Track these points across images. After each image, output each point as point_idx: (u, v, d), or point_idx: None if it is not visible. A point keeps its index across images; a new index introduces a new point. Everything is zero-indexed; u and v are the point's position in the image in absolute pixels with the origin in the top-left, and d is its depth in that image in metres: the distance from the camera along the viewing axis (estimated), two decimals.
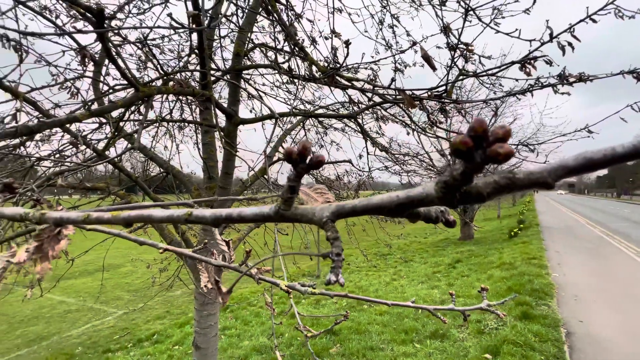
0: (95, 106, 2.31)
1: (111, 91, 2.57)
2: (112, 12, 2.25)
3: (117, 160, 2.76)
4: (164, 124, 3.63)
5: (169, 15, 1.98)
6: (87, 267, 11.56)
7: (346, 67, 2.60)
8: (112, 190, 3.02)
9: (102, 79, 2.54)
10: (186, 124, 3.93)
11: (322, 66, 2.37)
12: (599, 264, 8.70)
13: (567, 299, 6.15)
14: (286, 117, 3.60)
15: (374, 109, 3.18)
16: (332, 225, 0.29)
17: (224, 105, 2.90)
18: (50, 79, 2.53)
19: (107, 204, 3.19)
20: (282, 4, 2.65)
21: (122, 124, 2.82)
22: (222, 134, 2.80)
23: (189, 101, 3.52)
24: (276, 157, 3.31)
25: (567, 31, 1.78)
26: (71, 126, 2.52)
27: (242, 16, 2.99)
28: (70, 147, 2.87)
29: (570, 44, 1.81)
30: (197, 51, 2.13)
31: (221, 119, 3.10)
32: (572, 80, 1.89)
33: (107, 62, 2.53)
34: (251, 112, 4.15)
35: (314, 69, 2.42)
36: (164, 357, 5.44)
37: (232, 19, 3.11)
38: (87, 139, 2.68)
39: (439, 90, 2.08)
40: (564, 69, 1.89)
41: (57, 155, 2.83)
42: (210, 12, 2.67)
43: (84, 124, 3.00)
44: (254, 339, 5.77)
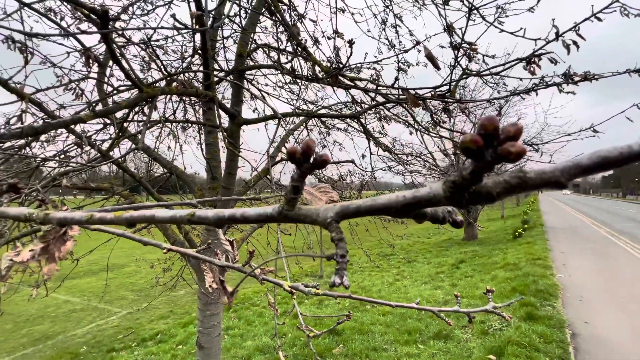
0: (99, 107, 2.33)
1: (115, 92, 2.58)
2: (116, 13, 2.27)
3: (121, 160, 2.77)
4: (168, 125, 3.65)
5: (172, 16, 1.99)
6: (91, 267, 11.64)
7: (349, 67, 2.59)
8: (116, 190, 3.03)
9: (106, 80, 2.55)
10: (189, 125, 3.95)
11: (325, 66, 2.37)
12: (604, 264, 8.61)
13: (572, 300, 6.10)
14: (289, 118, 3.60)
15: (377, 108, 3.17)
16: (336, 226, 0.28)
17: (227, 105, 2.90)
18: (55, 80, 2.55)
19: (111, 204, 3.20)
20: (284, 4, 2.65)
21: (126, 124, 2.83)
22: (225, 134, 2.81)
23: (192, 102, 3.53)
24: (279, 157, 3.31)
25: (572, 30, 1.77)
26: (76, 127, 2.53)
27: (245, 17, 2.99)
28: (75, 148, 2.89)
29: (575, 43, 1.79)
30: (200, 52, 2.14)
31: (224, 120, 3.11)
32: (577, 79, 1.88)
33: (111, 63, 2.54)
34: (254, 112, 4.16)
35: (316, 69, 2.41)
36: (168, 356, 5.46)
37: (235, 19, 3.12)
38: (91, 140, 2.70)
39: (442, 89, 2.07)
40: (569, 68, 1.87)
41: (62, 155, 2.85)
42: (213, 12, 2.68)
43: (88, 124, 3.02)
44: (257, 338, 5.77)
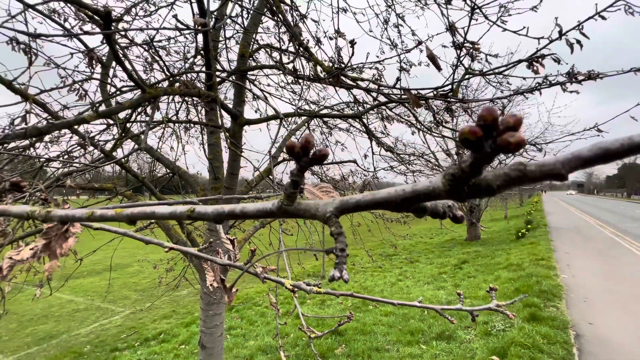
0: (102, 108, 2.34)
1: (118, 93, 2.59)
2: (119, 14, 2.28)
3: (124, 161, 2.78)
4: (170, 125, 3.67)
5: (175, 16, 2.00)
6: (95, 267, 11.71)
7: (351, 66, 2.59)
8: (120, 190, 3.05)
9: (109, 81, 2.57)
10: (192, 125, 3.96)
11: (327, 66, 2.37)
12: (609, 265, 8.54)
13: (576, 301, 6.05)
14: (291, 118, 3.61)
15: (379, 108, 3.17)
16: (335, 220, 0.28)
17: (229, 106, 2.91)
18: (59, 81, 2.57)
19: (114, 204, 3.21)
20: (286, 4, 2.65)
21: (129, 125, 2.84)
22: (227, 134, 2.82)
23: (194, 102, 3.54)
24: (281, 157, 3.31)
25: (576, 28, 1.75)
26: (79, 127, 2.55)
27: (247, 17, 3.00)
28: (78, 148, 2.90)
29: (579, 42, 1.78)
30: (202, 52, 2.15)
31: (227, 120, 3.12)
32: (580, 78, 1.86)
33: (114, 64, 2.56)
34: (256, 112, 4.17)
35: (318, 69, 2.41)
36: (171, 356, 5.47)
37: (237, 20, 3.13)
38: (94, 140, 2.71)
39: (444, 89, 2.06)
40: (573, 67, 1.86)
41: (66, 156, 2.87)
42: (215, 13, 2.68)
43: (91, 125, 3.03)
44: (259, 338, 5.78)
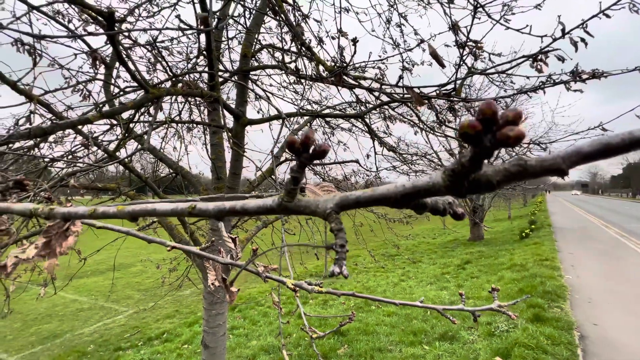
0: (106, 108, 2.36)
1: (122, 93, 2.61)
2: (123, 15, 2.29)
3: (128, 161, 2.80)
4: (173, 125, 3.68)
5: (178, 17, 2.01)
6: (98, 267, 11.78)
7: (353, 66, 2.59)
8: (123, 190, 3.07)
9: (112, 82, 2.59)
10: (195, 125, 3.98)
11: (329, 66, 2.37)
12: (614, 265, 8.47)
13: (580, 302, 6.00)
14: (293, 118, 3.61)
15: (381, 108, 3.16)
16: (336, 216, 0.28)
17: (231, 106, 2.92)
18: (63, 82, 2.60)
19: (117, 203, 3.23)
20: (289, 4, 2.65)
21: (133, 125, 2.86)
22: (230, 134, 2.82)
23: (197, 102, 3.55)
24: (283, 157, 3.31)
25: (580, 27, 1.74)
26: (83, 128, 2.57)
27: (250, 17, 3.01)
28: (82, 148, 2.93)
29: (583, 40, 1.76)
30: (205, 53, 2.15)
31: (229, 120, 3.13)
32: (585, 77, 1.85)
33: (117, 64, 2.58)
34: (258, 112, 4.17)
35: (321, 68, 2.41)
36: (174, 355, 5.50)
37: (239, 20, 3.13)
38: (98, 140, 2.73)
39: (447, 88, 2.05)
40: (577, 66, 1.85)
41: (70, 156, 2.89)
42: (218, 13, 2.69)
43: (95, 125, 3.06)
44: (261, 338, 5.79)
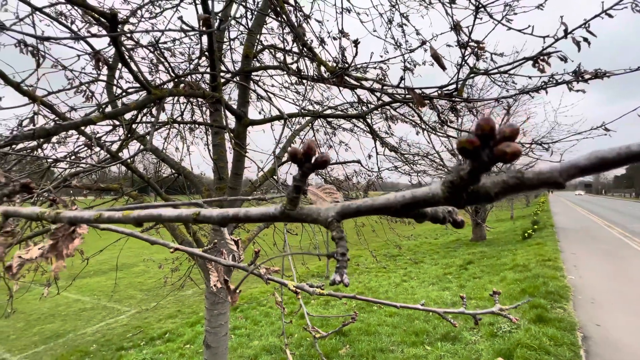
0: (109, 109, 2.37)
1: (124, 94, 2.62)
2: (125, 16, 2.30)
3: (130, 161, 2.81)
4: (176, 126, 3.70)
5: (180, 18, 2.02)
6: (101, 267, 11.84)
7: (355, 66, 2.59)
8: (125, 191, 3.08)
9: (115, 83, 2.60)
10: (197, 126, 3.99)
11: (331, 66, 2.37)
12: (617, 266, 8.43)
13: (583, 302, 5.98)
14: (295, 118, 3.62)
15: (383, 108, 3.16)
16: (337, 225, 0.28)
17: (233, 106, 2.93)
18: (66, 83, 2.61)
19: (120, 204, 3.25)
20: (290, 5, 2.66)
21: (135, 126, 2.87)
22: (232, 135, 2.83)
23: (199, 103, 3.57)
24: (285, 157, 3.32)
25: (582, 27, 1.74)
26: (86, 128, 2.58)
27: (251, 18, 3.01)
28: (85, 149, 2.94)
29: (585, 40, 1.76)
30: (207, 54, 2.16)
31: (231, 121, 3.14)
32: (587, 77, 1.84)
33: (120, 65, 2.59)
34: (260, 113, 4.18)
35: (322, 69, 2.42)
36: (176, 355, 5.52)
37: (241, 21, 3.14)
38: (101, 141, 2.75)
39: (449, 88, 2.05)
40: (579, 66, 1.84)
41: (73, 157, 2.91)
42: (219, 14, 2.70)
43: (98, 126, 3.07)
44: (263, 338, 5.80)
